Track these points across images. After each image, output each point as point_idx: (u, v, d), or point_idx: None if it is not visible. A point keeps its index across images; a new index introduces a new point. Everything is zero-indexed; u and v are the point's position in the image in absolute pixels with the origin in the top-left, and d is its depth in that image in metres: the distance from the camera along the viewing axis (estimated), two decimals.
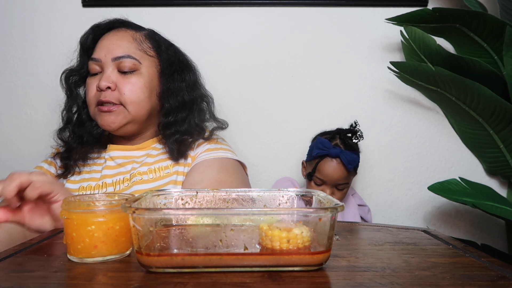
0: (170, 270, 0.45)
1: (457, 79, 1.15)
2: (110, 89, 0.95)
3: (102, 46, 0.98)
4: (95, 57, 0.98)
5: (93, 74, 0.99)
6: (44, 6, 1.32)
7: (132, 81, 0.97)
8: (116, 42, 0.98)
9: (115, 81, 0.95)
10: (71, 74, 1.05)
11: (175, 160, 0.98)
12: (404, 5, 1.32)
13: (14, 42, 1.33)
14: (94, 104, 0.97)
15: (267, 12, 1.34)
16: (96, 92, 0.97)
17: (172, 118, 1.01)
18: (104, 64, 0.97)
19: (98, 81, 0.96)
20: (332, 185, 1.14)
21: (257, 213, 0.47)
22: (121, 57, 0.96)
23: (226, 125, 1.11)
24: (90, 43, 1.02)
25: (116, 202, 0.51)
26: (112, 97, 0.95)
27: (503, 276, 0.45)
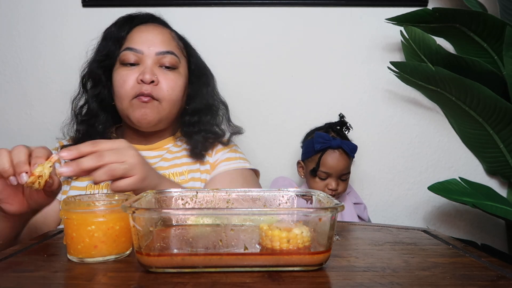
0: (170, 270, 0.45)
1: (457, 79, 1.15)
2: (153, 83, 0.92)
3: (144, 39, 0.95)
4: (136, 48, 0.94)
5: (127, 64, 0.94)
6: (44, 6, 1.32)
7: (172, 78, 0.95)
8: (159, 36, 0.96)
9: (157, 76, 0.93)
10: (101, 61, 0.99)
11: (194, 157, 0.98)
12: (404, 5, 1.32)
13: (14, 42, 1.33)
14: (131, 97, 0.92)
15: (267, 12, 1.34)
16: (135, 85, 0.92)
17: (197, 118, 1.02)
18: (145, 57, 0.94)
19: (137, 73, 0.92)
20: (337, 177, 1.16)
21: (257, 213, 0.47)
22: (165, 52, 0.94)
23: (242, 131, 1.11)
24: (124, 34, 0.97)
25: (116, 202, 0.51)
26: (154, 91, 0.91)
27: (503, 276, 0.45)
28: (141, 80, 0.91)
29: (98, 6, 1.32)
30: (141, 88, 0.91)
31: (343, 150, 1.15)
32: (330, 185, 1.15)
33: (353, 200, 1.25)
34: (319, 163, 1.15)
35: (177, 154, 1.00)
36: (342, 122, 1.20)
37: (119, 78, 0.94)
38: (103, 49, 0.98)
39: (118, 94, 0.94)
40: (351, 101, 1.36)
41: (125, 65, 0.94)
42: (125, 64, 0.94)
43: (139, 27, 0.98)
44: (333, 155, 1.15)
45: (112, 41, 0.97)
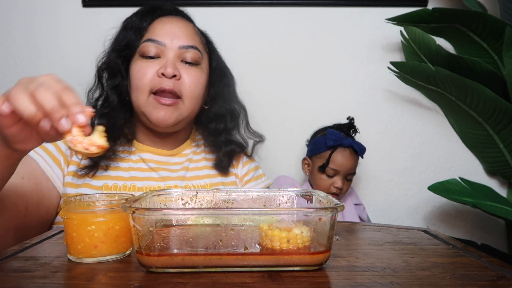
0: (170, 270, 0.45)
1: (457, 79, 1.15)
2: (175, 77, 0.87)
3: (167, 30, 0.90)
4: (158, 39, 0.89)
5: (146, 57, 0.89)
6: (44, 6, 1.32)
7: (195, 74, 0.90)
8: (183, 29, 0.92)
9: (179, 70, 0.88)
10: (120, 51, 0.92)
11: (219, 171, 0.96)
12: (404, 5, 1.32)
13: (14, 42, 1.33)
14: (149, 91, 0.87)
15: (267, 12, 1.34)
16: (155, 78, 0.87)
17: (223, 125, 0.98)
18: (167, 50, 0.89)
19: (157, 65, 0.87)
20: (344, 176, 1.17)
21: (257, 213, 0.47)
22: (188, 47, 0.90)
23: (264, 139, 1.07)
24: (145, 24, 0.92)
25: (116, 202, 0.51)
26: (176, 87, 0.86)
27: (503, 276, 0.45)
28: (162, 73, 0.86)
29: (98, 6, 1.32)
30: (161, 82, 0.86)
31: (353, 149, 1.17)
32: (336, 183, 1.16)
33: (354, 201, 1.25)
34: (329, 160, 1.16)
35: (197, 164, 0.97)
36: (350, 125, 1.22)
37: (138, 70, 0.89)
38: (123, 39, 0.93)
39: (135, 87, 0.89)
40: (351, 101, 1.36)
41: (145, 57, 0.89)
42: (145, 56, 0.89)
43: (162, 19, 0.93)
44: (343, 153, 1.16)
45: (133, 31, 0.92)
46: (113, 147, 0.90)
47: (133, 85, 0.90)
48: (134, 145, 0.94)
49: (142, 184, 0.88)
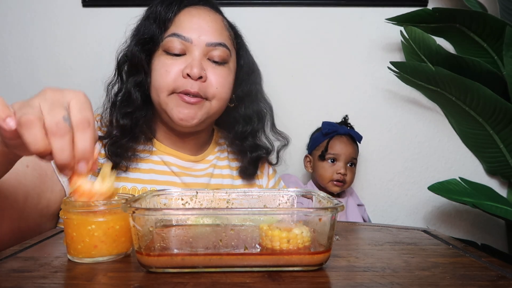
0: (170, 270, 0.45)
1: (457, 79, 1.15)
2: (200, 79, 0.81)
3: (194, 24, 0.83)
4: (185, 35, 0.82)
5: (172, 53, 0.83)
6: (44, 6, 1.32)
7: (222, 73, 0.84)
8: (211, 24, 0.84)
9: (205, 70, 0.82)
10: (144, 44, 0.84)
11: (245, 178, 0.92)
12: (404, 5, 1.32)
13: (14, 42, 1.33)
14: (172, 91, 0.81)
15: (267, 12, 1.34)
16: (179, 78, 0.81)
17: (250, 128, 0.92)
18: (194, 47, 0.82)
19: (182, 64, 0.81)
20: (345, 162, 1.19)
21: (257, 213, 0.47)
22: (216, 44, 0.83)
23: (289, 141, 1.00)
24: (171, 15, 0.84)
25: (116, 202, 0.51)
26: (201, 89, 0.81)
27: (503, 276, 0.45)
28: (187, 74, 0.80)
29: (98, 6, 1.32)
30: (185, 84, 0.80)
31: (350, 136, 1.21)
32: (339, 169, 1.17)
33: (356, 202, 1.25)
34: (327, 147, 1.19)
35: (221, 171, 0.93)
36: (345, 123, 1.25)
37: (161, 67, 0.82)
38: (146, 31, 0.85)
39: (157, 84, 0.83)
40: (351, 101, 1.36)
41: (169, 53, 0.83)
42: (169, 52, 0.83)
43: (189, 9, 0.85)
44: (340, 139, 1.20)
45: (157, 23, 0.85)
46: (133, 147, 0.84)
47: (154, 82, 0.84)
48: (154, 145, 0.88)
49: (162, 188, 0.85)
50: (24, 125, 0.41)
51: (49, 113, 0.42)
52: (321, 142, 1.22)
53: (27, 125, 0.41)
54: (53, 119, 0.42)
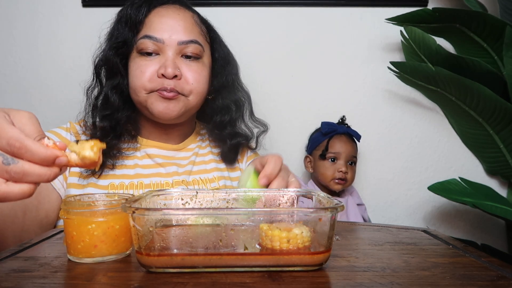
0: (170, 270, 0.45)
1: (457, 79, 1.15)
2: (176, 77, 0.84)
3: (165, 25, 0.85)
4: (156, 36, 0.84)
5: (144, 54, 0.85)
6: (44, 6, 1.32)
7: (196, 69, 0.87)
8: (181, 22, 0.86)
9: (179, 68, 0.85)
10: (118, 48, 0.87)
11: (227, 163, 0.95)
12: (404, 5, 1.32)
13: (14, 42, 1.33)
14: (149, 90, 0.84)
15: (267, 12, 1.34)
16: (155, 78, 0.84)
17: (228, 117, 0.95)
18: (166, 47, 0.84)
19: (156, 64, 0.84)
20: (346, 160, 1.20)
21: (257, 213, 0.47)
22: (188, 42, 0.85)
23: (268, 128, 1.03)
24: (141, 17, 0.87)
25: (116, 202, 0.51)
26: (177, 86, 0.84)
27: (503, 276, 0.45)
28: (162, 74, 0.83)
29: (98, 6, 1.32)
30: (162, 83, 0.83)
31: (349, 135, 1.22)
32: (340, 168, 1.18)
33: (356, 201, 1.25)
34: (327, 146, 1.20)
35: (204, 157, 0.96)
36: (342, 123, 1.27)
37: (136, 68, 0.85)
38: (119, 35, 0.88)
39: (134, 85, 0.86)
40: (351, 101, 1.36)
41: (143, 54, 0.85)
42: (143, 53, 0.85)
43: (159, 10, 0.88)
44: (340, 138, 1.21)
45: (128, 26, 0.87)
46: (117, 145, 0.87)
47: (131, 83, 0.87)
48: (138, 141, 0.92)
49: (149, 181, 0.86)
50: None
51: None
52: (321, 142, 1.22)
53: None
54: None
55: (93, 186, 0.84)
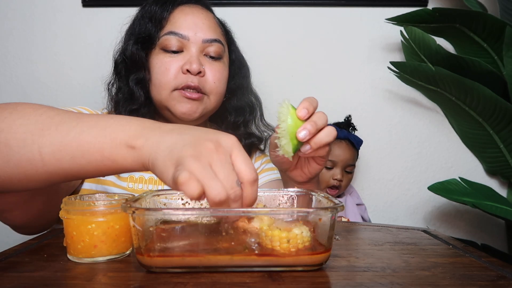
0: (170, 270, 0.45)
1: (457, 79, 1.15)
2: (199, 74, 0.84)
3: (190, 22, 0.86)
4: (182, 33, 0.85)
5: (168, 51, 0.85)
6: (44, 6, 1.32)
7: (218, 69, 0.88)
8: (206, 21, 0.88)
9: (204, 66, 0.85)
10: (143, 42, 0.87)
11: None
12: (404, 5, 1.32)
13: (14, 42, 1.33)
14: (173, 87, 0.84)
15: (267, 12, 1.34)
16: (179, 75, 0.84)
17: (242, 119, 0.96)
18: (191, 44, 0.85)
19: (181, 61, 0.84)
20: (342, 167, 1.18)
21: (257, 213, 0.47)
22: (212, 40, 0.86)
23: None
24: (166, 14, 0.87)
25: (116, 202, 0.51)
26: (201, 83, 0.84)
27: (503, 276, 0.45)
28: (187, 70, 0.83)
29: (98, 6, 1.32)
30: (186, 79, 0.83)
31: (349, 141, 1.19)
32: (335, 176, 1.16)
33: (356, 201, 1.25)
34: None
35: None
36: (348, 122, 1.25)
37: (160, 65, 0.85)
38: (142, 30, 0.88)
39: (157, 82, 0.85)
40: (351, 101, 1.36)
41: (167, 51, 0.85)
42: (167, 50, 0.85)
43: (183, 8, 0.88)
44: (339, 144, 1.19)
45: (152, 22, 0.87)
46: None
47: (155, 80, 0.86)
48: None
49: None
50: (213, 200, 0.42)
51: (225, 180, 0.42)
52: None
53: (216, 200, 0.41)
54: (230, 187, 0.42)
55: (115, 175, 0.84)
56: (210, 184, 0.40)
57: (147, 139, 0.46)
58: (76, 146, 0.48)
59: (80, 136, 0.48)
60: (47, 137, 0.48)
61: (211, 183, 0.40)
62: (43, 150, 0.48)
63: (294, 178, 0.69)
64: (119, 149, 0.47)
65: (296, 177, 0.69)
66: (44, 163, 0.48)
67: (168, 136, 0.45)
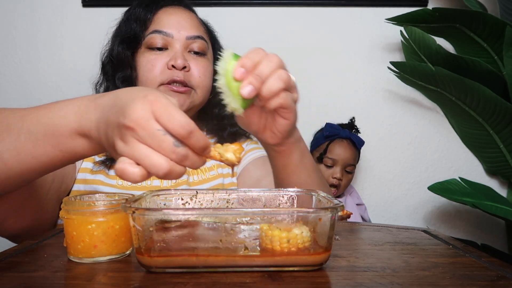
0: (170, 270, 0.45)
1: (457, 79, 1.15)
2: (184, 69, 0.87)
3: (173, 21, 0.90)
4: (165, 30, 0.89)
5: (154, 48, 0.89)
6: (44, 6, 1.32)
7: (203, 64, 0.91)
8: (188, 20, 0.92)
9: (188, 62, 0.88)
10: (128, 41, 0.91)
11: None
12: (404, 5, 1.32)
13: (14, 42, 1.33)
14: (159, 83, 0.87)
15: (267, 12, 1.34)
16: (165, 70, 0.87)
17: (226, 111, 0.98)
18: (175, 41, 0.89)
19: (166, 57, 0.88)
20: (343, 167, 1.18)
21: (257, 213, 0.47)
22: (195, 37, 0.90)
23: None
24: (150, 15, 0.91)
25: (116, 202, 0.51)
26: (186, 78, 0.87)
27: (503, 276, 0.45)
28: (172, 65, 0.86)
29: (98, 6, 1.32)
30: (172, 74, 0.86)
31: (351, 140, 1.20)
32: (335, 174, 1.16)
33: (356, 201, 1.25)
34: (326, 149, 1.18)
35: None
36: (351, 124, 1.25)
37: (146, 63, 0.88)
38: (128, 31, 0.92)
39: (144, 79, 0.88)
40: (351, 101, 1.36)
41: (152, 49, 0.89)
42: (152, 48, 0.89)
43: (166, 9, 0.93)
44: (340, 143, 1.19)
45: (137, 23, 0.91)
46: None
47: (141, 77, 0.89)
48: None
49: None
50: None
51: (161, 149, 0.41)
52: (321, 144, 1.21)
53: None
54: (170, 152, 0.41)
55: (103, 174, 0.85)
56: (147, 163, 0.40)
57: (91, 121, 0.46)
58: (32, 147, 0.48)
59: (31, 137, 0.48)
60: (2, 143, 0.49)
61: (146, 161, 0.40)
62: (3, 156, 0.49)
63: (267, 140, 0.63)
64: (73, 141, 0.48)
65: (268, 139, 0.62)
66: (9, 167, 0.49)
67: (100, 113, 0.46)
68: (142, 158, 0.40)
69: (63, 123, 0.48)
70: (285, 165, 0.66)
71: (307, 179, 0.69)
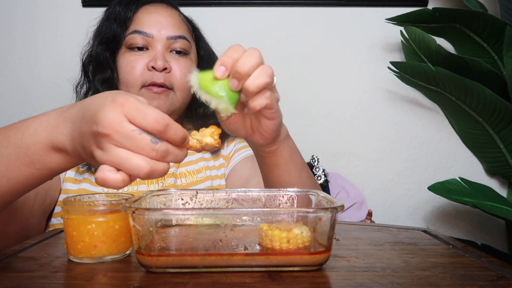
0: (170, 270, 0.45)
1: (457, 79, 1.15)
2: (165, 70, 0.85)
3: (154, 21, 0.88)
4: (145, 31, 0.86)
5: (134, 49, 0.87)
6: (44, 6, 1.32)
7: (185, 64, 0.89)
8: (169, 19, 0.89)
9: (169, 62, 0.86)
10: (107, 43, 0.89)
11: (214, 152, 0.94)
12: (404, 5, 1.32)
13: (14, 42, 1.33)
14: (140, 85, 0.85)
15: (267, 12, 1.34)
16: (145, 72, 0.85)
17: (212, 110, 0.98)
18: (155, 41, 0.87)
19: (146, 58, 0.86)
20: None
21: (257, 213, 0.47)
22: (176, 37, 0.88)
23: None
24: (130, 14, 0.89)
25: (116, 202, 0.51)
26: (166, 80, 0.85)
27: (503, 276, 0.45)
28: (152, 67, 0.85)
29: (98, 6, 1.32)
30: (152, 76, 0.85)
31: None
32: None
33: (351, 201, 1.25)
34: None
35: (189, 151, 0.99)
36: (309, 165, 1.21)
37: (127, 64, 0.87)
38: (108, 31, 0.90)
39: (125, 81, 0.87)
40: (351, 101, 1.36)
41: (132, 49, 0.87)
42: (132, 48, 0.87)
43: (147, 7, 0.90)
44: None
45: (117, 22, 0.89)
46: None
47: (122, 79, 0.88)
48: None
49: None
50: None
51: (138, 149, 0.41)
52: None
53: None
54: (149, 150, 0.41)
55: (87, 181, 0.84)
56: (127, 167, 0.40)
57: (64, 134, 0.46)
58: (5, 169, 0.48)
59: (3, 159, 0.48)
60: None
61: (126, 165, 0.40)
62: None
63: (257, 143, 0.63)
64: (47, 157, 0.48)
65: (258, 141, 0.63)
66: None
67: (71, 125, 0.46)
68: (122, 163, 0.40)
69: (34, 141, 0.47)
70: (277, 164, 0.66)
71: (298, 176, 0.68)
